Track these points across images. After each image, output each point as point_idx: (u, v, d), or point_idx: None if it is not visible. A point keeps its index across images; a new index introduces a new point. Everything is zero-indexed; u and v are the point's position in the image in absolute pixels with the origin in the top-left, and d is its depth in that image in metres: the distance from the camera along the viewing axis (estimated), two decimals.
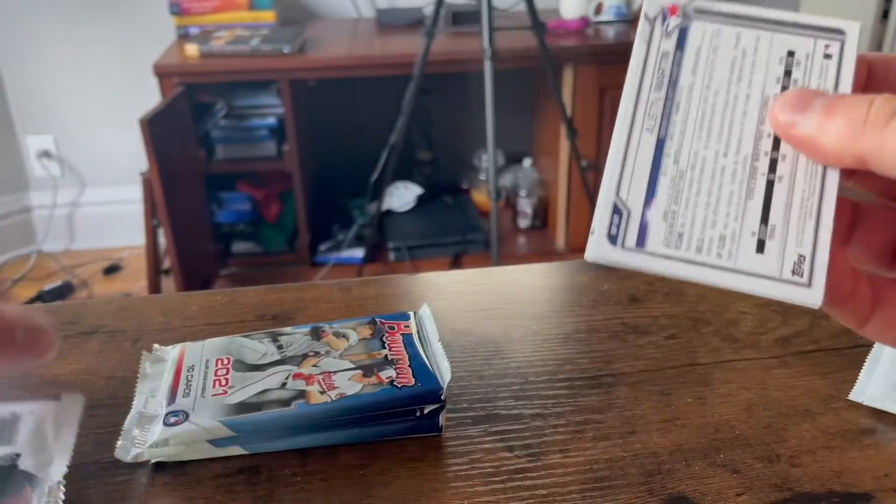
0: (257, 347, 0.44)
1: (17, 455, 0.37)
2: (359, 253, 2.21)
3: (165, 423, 0.39)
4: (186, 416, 0.39)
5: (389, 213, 2.32)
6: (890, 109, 0.24)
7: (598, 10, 2.30)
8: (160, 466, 0.40)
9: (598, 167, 2.16)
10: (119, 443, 0.39)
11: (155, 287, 2.07)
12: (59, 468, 0.37)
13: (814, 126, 0.25)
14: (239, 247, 2.33)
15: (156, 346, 0.45)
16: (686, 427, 0.41)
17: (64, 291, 2.28)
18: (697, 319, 0.51)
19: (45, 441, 0.38)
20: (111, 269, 2.40)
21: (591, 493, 0.37)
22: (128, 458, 0.39)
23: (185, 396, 0.41)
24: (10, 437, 0.38)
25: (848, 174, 0.27)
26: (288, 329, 0.46)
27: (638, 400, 0.43)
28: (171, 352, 0.45)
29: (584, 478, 0.38)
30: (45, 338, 0.34)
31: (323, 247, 2.30)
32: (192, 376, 0.42)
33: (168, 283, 2.14)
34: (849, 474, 0.37)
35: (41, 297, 2.20)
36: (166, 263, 2.07)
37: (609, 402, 0.43)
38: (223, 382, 0.42)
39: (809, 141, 0.25)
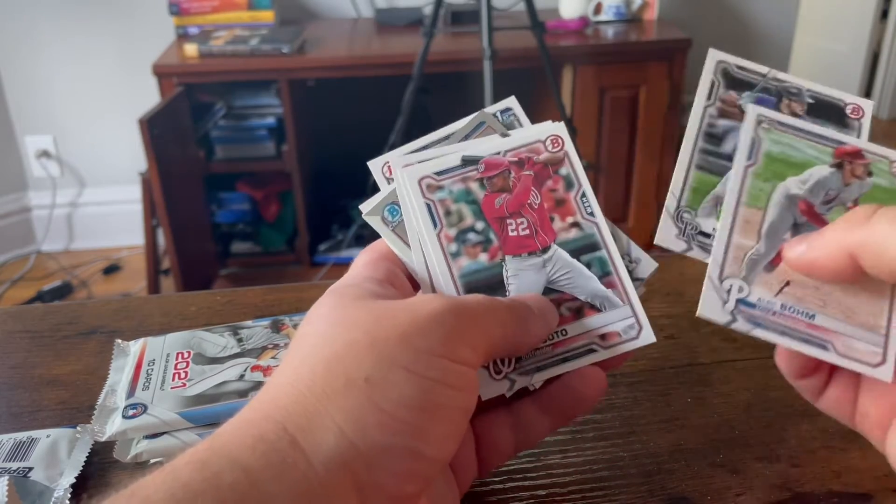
0: (217, 341, 0.45)
1: (30, 468, 0.38)
2: (358, 253, 2.20)
3: (124, 416, 0.39)
4: (145, 408, 0.40)
5: None
6: (868, 212, 0.28)
7: (598, 9, 2.30)
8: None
9: (597, 167, 2.16)
10: (117, 442, 0.39)
11: (154, 287, 2.07)
12: (68, 479, 0.37)
13: (806, 249, 0.30)
14: (238, 247, 2.33)
15: (119, 341, 0.45)
16: (686, 427, 0.41)
17: (63, 291, 2.28)
18: (697, 319, 0.51)
19: (58, 459, 0.39)
20: (110, 270, 2.40)
21: (591, 493, 0.37)
22: (127, 459, 0.39)
23: (145, 389, 0.41)
24: (25, 454, 0.39)
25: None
26: (248, 322, 0.47)
27: (637, 400, 0.43)
28: (133, 346, 0.45)
29: (584, 478, 0.38)
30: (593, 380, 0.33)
31: (322, 247, 2.30)
32: (152, 370, 0.43)
33: (167, 284, 2.14)
34: (849, 474, 0.37)
35: (40, 298, 2.20)
36: (165, 263, 2.07)
37: (609, 403, 0.43)
38: (182, 375, 0.42)
39: (809, 262, 0.30)
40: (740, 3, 2.55)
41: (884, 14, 3.41)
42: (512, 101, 0.37)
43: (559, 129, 0.35)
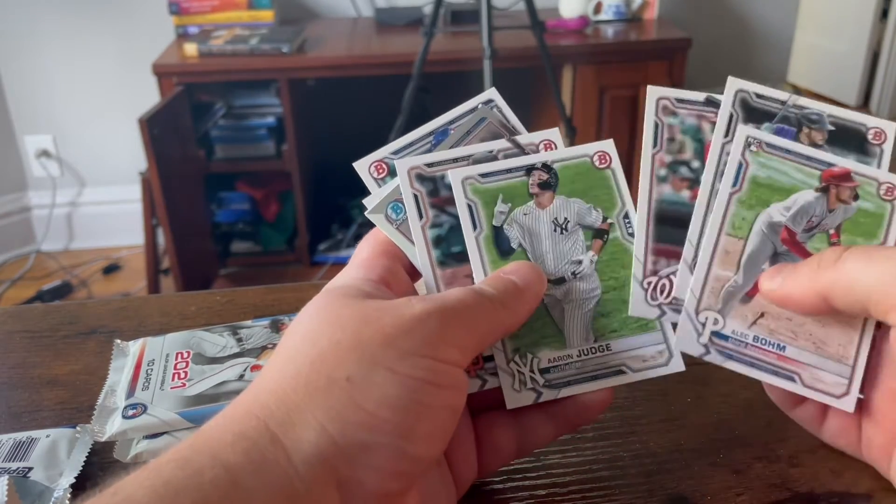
0: (217, 340, 0.45)
1: (30, 468, 0.38)
2: None
3: (124, 416, 0.39)
4: (145, 408, 0.40)
5: None
6: (836, 255, 0.30)
7: (598, 9, 2.30)
8: None
9: None
10: (117, 442, 0.39)
11: (154, 287, 2.07)
12: (67, 479, 0.37)
13: (781, 283, 0.31)
14: (238, 246, 2.32)
15: (118, 341, 0.45)
16: (686, 427, 0.41)
17: (63, 291, 2.28)
18: None
19: (58, 459, 0.39)
20: (110, 269, 2.40)
21: (590, 493, 0.37)
22: (127, 459, 0.39)
23: (145, 389, 0.41)
24: (25, 454, 0.39)
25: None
26: (248, 322, 0.47)
27: (637, 400, 0.43)
28: (133, 346, 0.45)
29: (584, 478, 0.38)
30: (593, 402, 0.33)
31: (322, 246, 2.30)
32: (151, 370, 0.42)
33: (167, 283, 2.14)
34: (848, 474, 0.37)
35: (40, 297, 2.20)
36: (165, 263, 2.07)
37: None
38: (182, 375, 0.42)
39: (783, 296, 0.31)
40: (740, 3, 2.55)
41: (884, 14, 3.40)
42: (493, 93, 0.36)
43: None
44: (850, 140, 0.34)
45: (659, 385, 0.45)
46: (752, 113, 0.34)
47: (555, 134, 0.35)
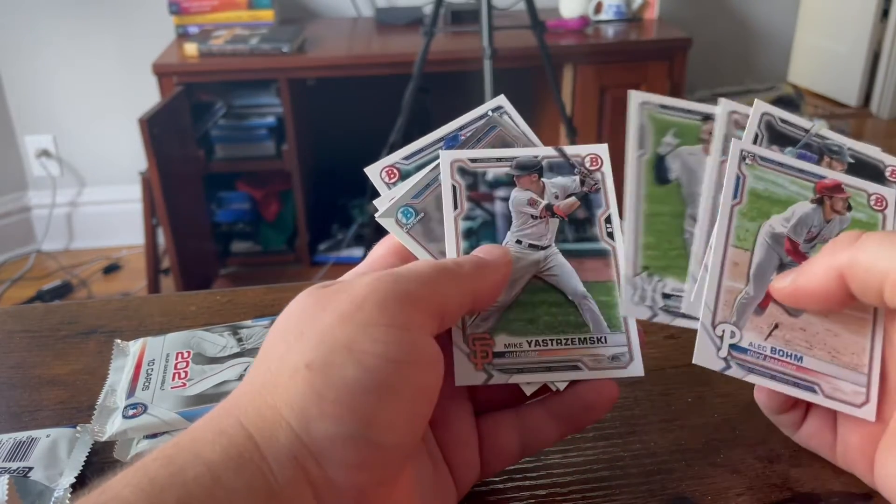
0: (217, 340, 0.45)
1: (30, 468, 0.38)
2: (358, 252, 2.21)
3: (124, 416, 0.39)
4: (145, 408, 0.40)
5: None
6: (854, 236, 0.30)
7: (598, 9, 2.30)
8: None
9: None
10: (117, 442, 0.39)
11: (154, 287, 2.07)
12: (68, 479, 0.37)
13: (794, 278, 0.31)
14: (238, 246, 2.33)
15: (118, 341, 0.45)
16: (686, 427, 0.41)
17: (63, 291, 2.28)
18: None
19: (58, 459, 0.39)
20: (110, 269, 2.40)
21: (591, 493, 0.37)
22: (127, 459, 0.39)
23: (145, 389, 0.41)
24: (25, 454, 0.39)
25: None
26: (248, 322, 0.47)
27: (638, 400, 0.43)
28: (133, 346, 0.45)
29: (584, 478, 0.38)
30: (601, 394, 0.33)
31: (322, 246, 2.30)
32: (151, 370, 0.42)
33: (167, 283, 2.14)
34: (849, 474, 0.37)
35: (40, 297, 2.20)
36: (165, 263, 2.07)
37: None
38: (182, 375, 0.42)
39: (795, 289, 0.31)
40: (740, 3, 2.55)
41: (884, 14, 3.40)
42: (502, 100, 0.37)
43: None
44: (869, 174, 0.35)
45: (659, 385, 0.45)
46: (777, 137, 0.35)
47: (603, 149, 0.36)
